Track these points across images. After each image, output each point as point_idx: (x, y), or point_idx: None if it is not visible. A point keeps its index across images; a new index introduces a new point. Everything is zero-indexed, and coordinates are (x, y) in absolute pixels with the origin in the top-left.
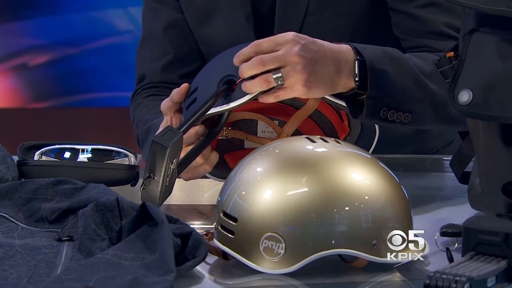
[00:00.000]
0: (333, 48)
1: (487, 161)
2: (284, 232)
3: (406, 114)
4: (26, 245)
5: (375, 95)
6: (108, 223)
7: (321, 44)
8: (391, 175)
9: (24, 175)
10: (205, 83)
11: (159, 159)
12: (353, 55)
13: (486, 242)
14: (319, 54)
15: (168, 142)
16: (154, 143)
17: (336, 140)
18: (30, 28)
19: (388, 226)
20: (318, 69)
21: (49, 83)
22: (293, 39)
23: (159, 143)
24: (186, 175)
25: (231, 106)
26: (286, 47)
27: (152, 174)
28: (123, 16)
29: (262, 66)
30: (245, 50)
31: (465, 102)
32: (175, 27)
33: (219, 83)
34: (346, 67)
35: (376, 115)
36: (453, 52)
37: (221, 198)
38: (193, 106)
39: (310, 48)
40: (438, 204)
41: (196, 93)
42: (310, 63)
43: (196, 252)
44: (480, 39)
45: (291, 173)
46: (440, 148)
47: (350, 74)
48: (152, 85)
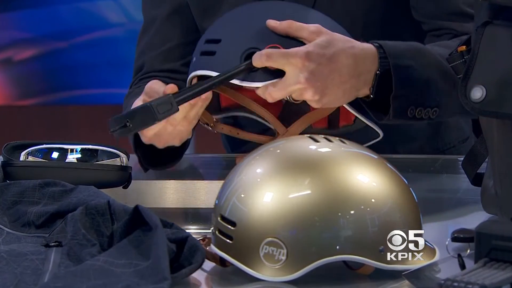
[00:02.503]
0: (352, 58)
1: (501, 162)
2: (286, 237)
3: (434, 109)
4: (11, 251)
5: (401, 93)
6: (99, 228)
7: (337, 57)
8: (399, 177)
9: (9, 176)
10: (229, 41)
11: (142, 121)
12: (376, 64)
13: (500, 248)
14: (333, 75)
15: (160, 116)
16: (147, 108)
17: (341, 140)
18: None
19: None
20: (330, 91)
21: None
22: (302, 64)
23: (153, 112)
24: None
25: (253, 85)
26: (294, 72)
27: (128, 122)
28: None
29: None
30: (279, 26)
31: (477, 99)
32: (180, 13)
33: (242, 53)
34: (366, 78)
35: (403, 115)
36: (465, 46)
37: (218, 201)
38: (211, 59)
39: (321, 71)
40: (449, 207)
41: (217, 47)
42: (320, 87)
43: (192, 258)
44: (494, 32)
45: (293, 174)
46: (456, 143)
47: (369, 84)
48: (151, 74)
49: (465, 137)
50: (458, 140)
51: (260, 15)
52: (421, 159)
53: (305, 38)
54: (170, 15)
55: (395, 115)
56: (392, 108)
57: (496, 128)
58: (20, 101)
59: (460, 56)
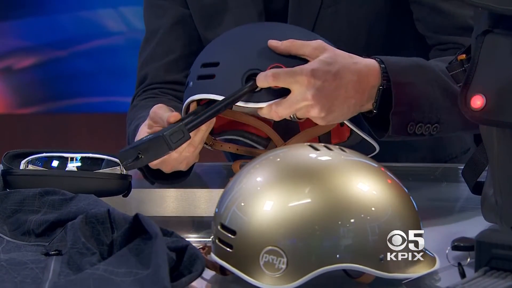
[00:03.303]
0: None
1: (501, 171)
2: (286, 245)
3: (435, 126)
4: (11, 260)
5: (401, 110)
6: (99, 236)
7: (342, 73)
8: (399, 185)
9: (9, 185)
10: (228, 64)
11: (156, 152)
12: (379, 78)
13: (500, 256)
14: (338, 91)
15: (174, 145)
16: (161, 139)
17: (341, 148)
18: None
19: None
20: (336, 107)
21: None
22: (308, 81)
23: (166, 143)
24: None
25: (259, 106)
26: (301, 89)
27: (140, 154)
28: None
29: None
30: (281, 46)
31: (478, 107)
32: (183, 23)
33: (243, 75)
34: (370, 93)
35: (403, 131)
36: (465, 54)
37: (218, 209)
38: (210, 82)
39: (327, 88)
40: (449, 216)
41: (216, 70)
42: (326, 104)
43: (192, 267)
44: (494, 41)
45: (293, 183)
46: (458, 154)
47: (373, 99)
48: (154, 86)
49: (467, 148)
50: (460, 151)
51: (258, 36)
52: (421, 168)
53: (308, 55)
54: (173, 26)
55: (394, 131)
56: (391, 125)
57: (496, 136)
58: (20, 110)
59: (460, 65)
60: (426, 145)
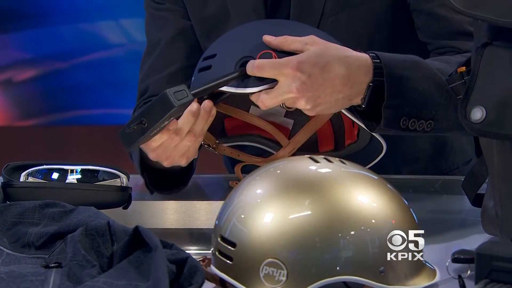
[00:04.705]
0: (345, 68)
1: (501, 183)
2: (286, 258)
3: (429, 122)
4: (11, 273)
5: (394, 103)
6: (99, 249)
7: (330, 66)
8: (399, 198)
9: (9, 197)
10: (224, 54)
11: (160, 112)
12: (370, 75)
13: (501, 269)
14: (325, 84)
15: (178, 102)
16: (164, 96)
17: (341, 160)
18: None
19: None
20: (322, 100)
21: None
22: (293, 74)
23: (169, 98)
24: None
25: (247, 92)
26: (286, 81)
27: (144, 120)
28: (115, 29)
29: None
30: (274, 41)
31: (477, 120)
32: (184, 35)
33: (237, 62)
34: (359, 88)
35: (395, 125)
36: (464, 67)
37: (218, 221)
38: (207, 73)
39: (313, 82)
40: (450, 228)
41: (213, 61)
42: (312, 97)
43: (192, 279)
44: (494, 53)
45: (293, 195)
46: (459, 165)
47: (362, 95)
48: None
49: (468, 159)
50: (462, 162)
51: (254, 30)
52: (421, 180)
53: (300, 49)
54: (174, 38)
55: (386, 125)
56: (383, 118)
57: (496, 149)
58: (20, 122)
59: (459, 77)
60: (428, 156)
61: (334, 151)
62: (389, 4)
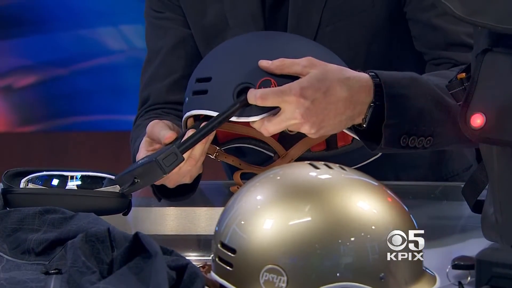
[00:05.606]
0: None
1: (501, 189)
2: (286, 264)
3: (428, 139)
4: (11, 279)
5: (393, 123)
6: (99, 255)
7: (333, 90)
8: (399, 204)
9: (9, 203)
10: (220, 78)
11: (151, 177)
12: (371, 95)
13: (501, 275)
14: (329, 108)
15: (167, 169)
16: (154, 164)
17: (341, 167)
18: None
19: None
20: (326, 123)
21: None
22: (297, 101)
23: (160, 167)
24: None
25: (250, 120)
26: (290, 108)
27: (136, 179)
28: (115, 35)
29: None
30: (271, 66)
31: (478, 126)
32: (184, 43)
33: (234, 88)
34: (361, 109)
35: (395, 144)
36: (464, 73)
37: (218, 228)
38: (204, 98)
39: (316, 107)
40: (450, 234)
41: (209, 85)
42: (317, 121)
43: (192, 285)
44: (494, 60)
45: (293, 201)
46: (460, 171)
47: (363, 115)
48: (157, 106)
49: (469, 165)
50: (462, 168)
51: (249, 49)
52: (421, 186)
53: (299, 72)
54: (175, 46)
55: (387, 144)
56: (384, 137)
57: (496, 155)
58: (21, 128)
59: (459, 84)
60: (428, 163)
61: (326, 151)
62: (387, 13)
